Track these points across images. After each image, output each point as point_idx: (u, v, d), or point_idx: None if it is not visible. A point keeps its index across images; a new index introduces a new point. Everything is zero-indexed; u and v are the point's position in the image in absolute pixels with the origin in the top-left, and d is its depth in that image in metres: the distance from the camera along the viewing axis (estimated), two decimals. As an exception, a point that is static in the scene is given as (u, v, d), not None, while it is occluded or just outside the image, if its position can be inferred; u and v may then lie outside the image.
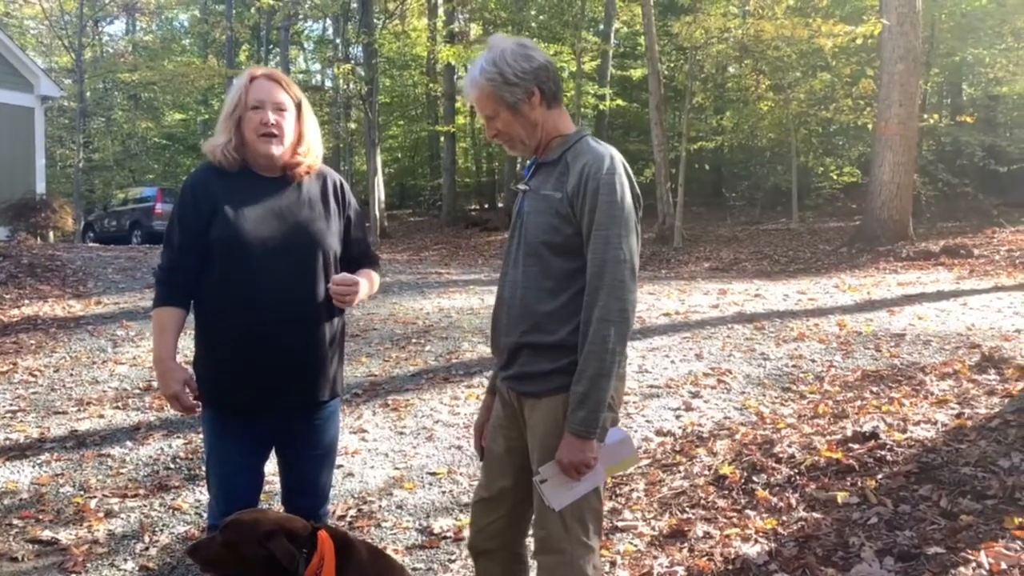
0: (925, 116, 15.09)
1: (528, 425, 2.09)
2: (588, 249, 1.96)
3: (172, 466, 4.17)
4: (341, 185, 2.45)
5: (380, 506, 3.69)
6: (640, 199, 2.06)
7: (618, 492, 3.69)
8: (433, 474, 4.02)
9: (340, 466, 3.97)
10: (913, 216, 12.67)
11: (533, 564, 2.14)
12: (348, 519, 3.57)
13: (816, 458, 3.61)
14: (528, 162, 2.19)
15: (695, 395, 4.98)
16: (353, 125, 25.33)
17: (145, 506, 3.72)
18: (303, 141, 2.35)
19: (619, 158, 2.02)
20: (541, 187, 2.07)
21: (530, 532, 2.17)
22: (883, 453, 3.55)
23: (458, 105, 23.94)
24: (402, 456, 4.26)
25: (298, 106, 2.36)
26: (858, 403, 4.47)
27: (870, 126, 14.98)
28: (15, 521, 3.55)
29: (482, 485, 2.24)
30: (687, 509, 3.42)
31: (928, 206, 15.64)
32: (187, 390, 2.25)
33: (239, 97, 2.30)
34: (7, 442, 4.49)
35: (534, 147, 2.11)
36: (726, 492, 3.50)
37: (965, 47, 16.92)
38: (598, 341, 1.92)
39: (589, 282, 1.95)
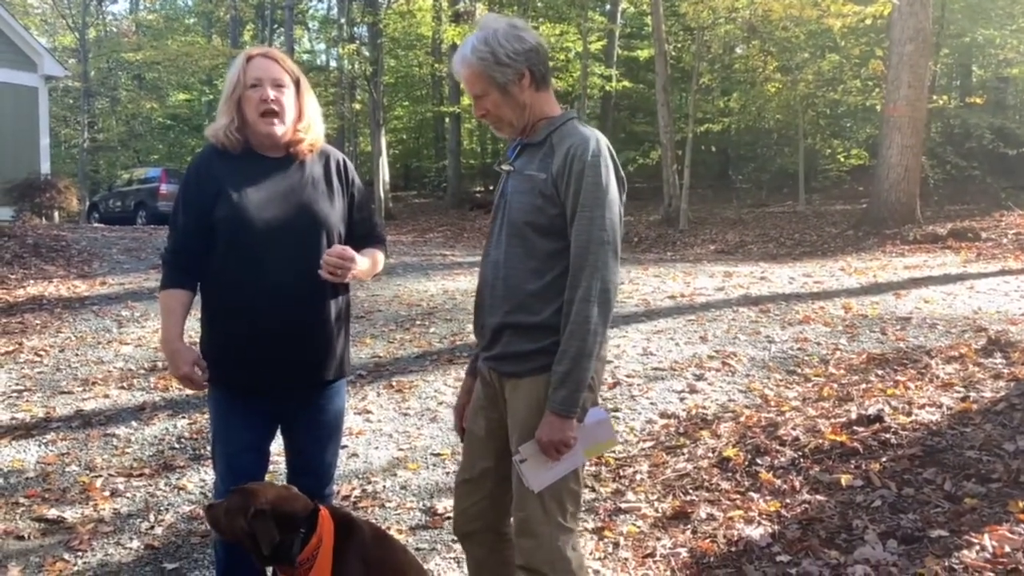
0: (934, 98, 14.94)
1: (509, 405, 2.09)
2: (572, 230, 1.97)
3: (177, 446, 4.18)
4: (344, 164, 2.44)
5: (384, 486, 3.71)
6: (624, 182, 2.06)
7: (622, 474, 3.69)
8: (437, 455, 4.03)
9: (345, 447, 3.98)
10: (920, 199, 12.58)
11: None
12: (352, 499, 3.58)
13: (820, 441, 3.61)
14: (512, 143, 2.18)
15: (699, 378, 4.98)
16: (358, 106, 25.23)
17: (150, 485, 3.74)
18: (303, 117, 2.34)
19: (604, 141, 2.03)
20: (525, 167, 2.07)
21: None
22: (887, 436, 3.55)
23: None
24: (406, 437, 4.27)
25: (296, 83, 2.34)
26: (863, 386, 4.46)
27: (878, 108, 14.85)
28: (21, 500, 3.58)
29: (464, 467, 2.25)
30: (691, 491, 3.42)
31: (936, 189, 15.53)
32: (196, 370, 2.25)
33: (237, 77, 2.28)
34: (13, 421, 4.51)
35: (521, 128, 2.10)
36: (730, 474, 3.51)
37: (975, 28, 16.72)
38: (580, 321, 1.93)
39: (572, 262, 1.96)
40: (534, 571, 2.01)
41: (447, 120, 24.36)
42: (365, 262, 2.34)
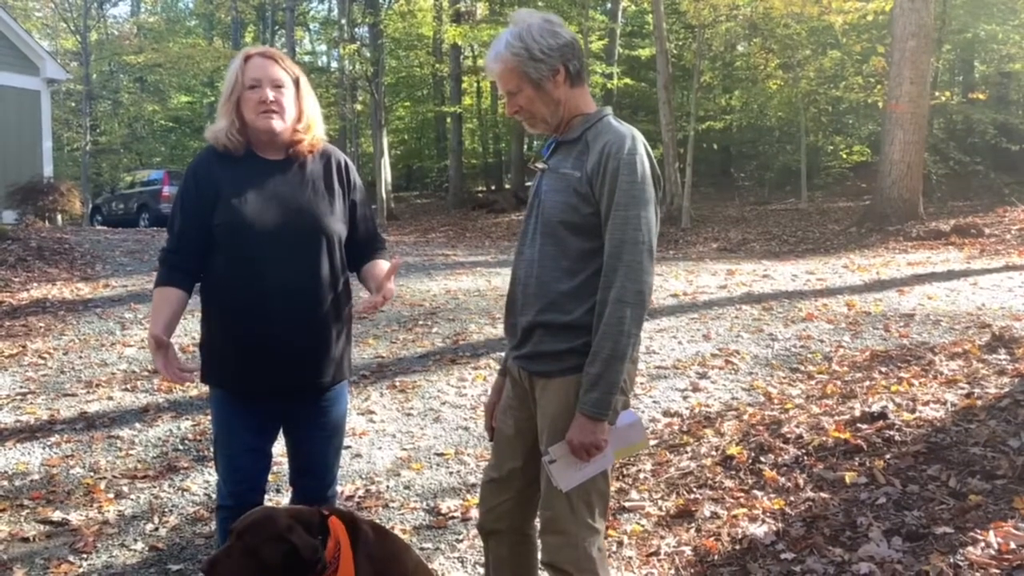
0: (936, 94, 14.92)
1: (538, 405, 2.07)
2: (607, 229, 1.93)
3: (181, 447, 4.19)
4: (346, 165, 2.42)
5: (388, 487, 3.71)
6: (660, 180, 2.03)
7: (625, 472, 3.69)
8: (440, 455, 4.03)
9: (348, 447, 3.99)
10: (923, 195, 12.55)
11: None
12: (356, 500, 3.58)
13: (824, 438, 3.60)
14: (547, 141, 2.15)
15: (703, 376, 4.97)
16: (359, 107, 25.24)
17: (154, 487, 3.74)
18: (303, 117, 2.31)
19: (640, 138, 1.99)
20: (560, 166, 2.04)
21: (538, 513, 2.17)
22: (891, 433, 3.54)
23: (464, 86, 23.80)
24: (409, 437, 4.27)
25: (296, 82, 2.31)
26: (867, 383, 4.45)
27: (880, 104, 14.83)
28: (26, 502, 3.58)
29: (492, 466, 2.23)
30: (694, 489, 3.42)
31: (939, 185, 15.50)
32: (166, 351, 2.17)
33: (236, 77, 2.25)
34: (17, 424, 4.52)
35: (555, 125, 2.07)
36: (733, 472, 3.50)
37: (978, 23, 16.69)
38: (613, 322, 1.90)
39: (606, 262, 1.93)
40: (559, 569, 2.00)
41: (449, 120, 24.36)
42: (394, 289, 2.34)
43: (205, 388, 2.40)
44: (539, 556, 2.14)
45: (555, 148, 2.10)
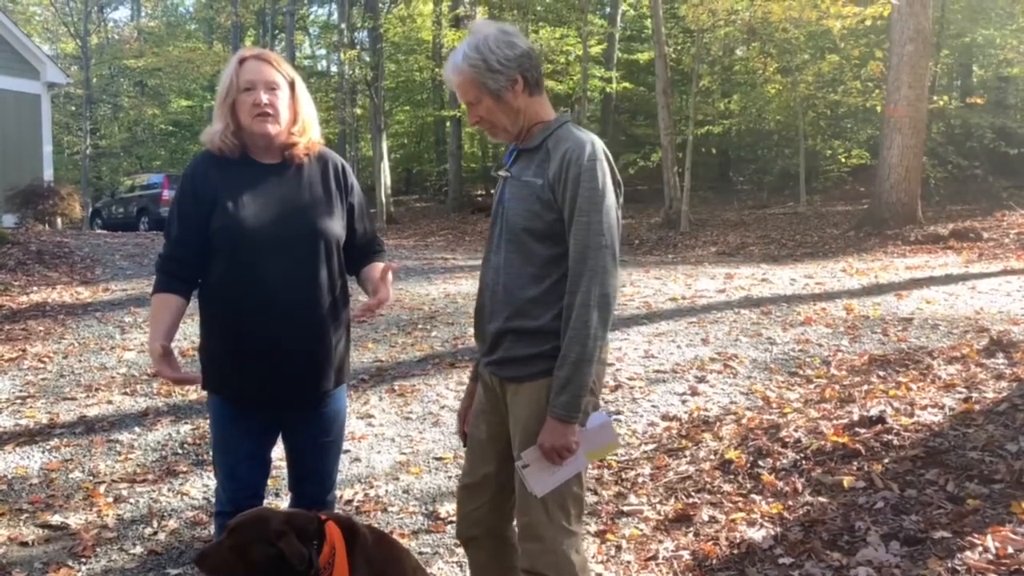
0: (934, 98, 14.92)
1: (510, 410, 2.10)
2: (570, 235, 1.97)
3: (180, 451, 4.19)
4: (343, 169, 2.41)
5: (387, 491, 3.71)
6: (621, 185, 2.06)
7: (624, 476, 3.69)
8: (439, 459, 4.04)
9: (347, 451, 3.99)
10: (922, 199, 12.56)
11: None
12: (355, 504, 3.59)
13: (822, 443, 3.61)
14: (508, 149, 2.18)
15: (701, 380, 4.98)
16: (359, 111, 25.28)
17: (153, 491, 3.75)
18: (298, 120, 2.31)
19: (600, 145, 2.03)
20: (522, 173, 2.07)
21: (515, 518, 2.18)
22: (890, 437, 3.55)
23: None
24: (408, 441, 4.28)
25: (291, 85, 2.30)
26: (865, 387, 4.46)
27: (879, 108, 14.84)
28: (25, 506, 3.59)
29: (465, 472, 2.26)
30: (693, 494, 3.42)
31: (937, 189, 15.51)
32: (169, 360, 2.18)
33: (230, 80, 2.25)
34: (17, 428, 4.52)
35: (516, 134, 2.10)
36: (732, 477, 3.51)
37: (976, 28, 16.71)
38: (580, 326, 1.93)
39: (571, 267, 1.96)
40: (539, 575, 2.02)
41: (448, 124, 24.39)
42: (390, 293, 2.32)
43: (204, 392, 2.41)
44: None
45: (517, 156, 2.13)
